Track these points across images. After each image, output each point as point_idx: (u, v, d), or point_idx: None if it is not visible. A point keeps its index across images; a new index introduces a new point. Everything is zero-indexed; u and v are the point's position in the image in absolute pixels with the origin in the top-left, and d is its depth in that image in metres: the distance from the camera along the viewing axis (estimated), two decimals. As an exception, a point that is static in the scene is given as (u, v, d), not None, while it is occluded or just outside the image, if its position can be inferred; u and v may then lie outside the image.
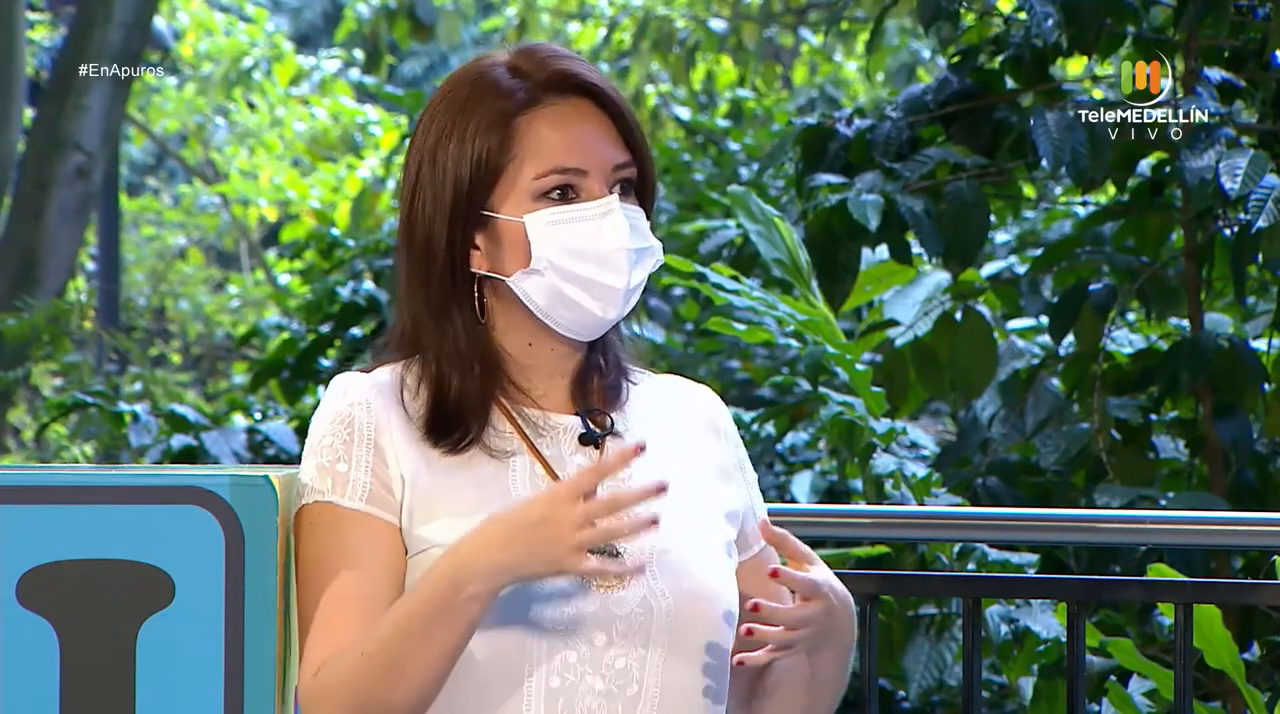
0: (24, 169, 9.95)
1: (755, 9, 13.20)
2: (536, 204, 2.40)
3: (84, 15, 9.93)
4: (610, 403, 2.47)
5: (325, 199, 15.82)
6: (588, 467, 2.32)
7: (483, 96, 2.41)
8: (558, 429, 2.44)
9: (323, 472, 2.38)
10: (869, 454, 5.06)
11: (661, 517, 2.34)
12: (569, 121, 2.41)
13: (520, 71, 2.43)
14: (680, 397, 2.55)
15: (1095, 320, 5.27)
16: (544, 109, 2.41)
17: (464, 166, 2.40)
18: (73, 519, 2.35)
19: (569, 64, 2.43)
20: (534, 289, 2.40)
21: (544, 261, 2.39)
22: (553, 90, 2.42)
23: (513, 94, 2.41)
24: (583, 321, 2.42)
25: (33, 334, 8.66)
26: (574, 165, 2.40)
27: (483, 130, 2.40)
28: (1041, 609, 4.74)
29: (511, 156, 2.40)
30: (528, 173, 2.40)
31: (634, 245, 2.40)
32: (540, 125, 2.41)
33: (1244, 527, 3.75)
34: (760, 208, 5.42)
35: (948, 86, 5.26)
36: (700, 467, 2.50)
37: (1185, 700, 3.36)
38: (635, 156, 2.44)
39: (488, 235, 2.42)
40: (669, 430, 2.50)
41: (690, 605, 2.38)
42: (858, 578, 3.72)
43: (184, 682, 2.35)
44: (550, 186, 2.40)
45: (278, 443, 6.39)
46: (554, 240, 2.39)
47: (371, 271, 7.49)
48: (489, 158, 2.40)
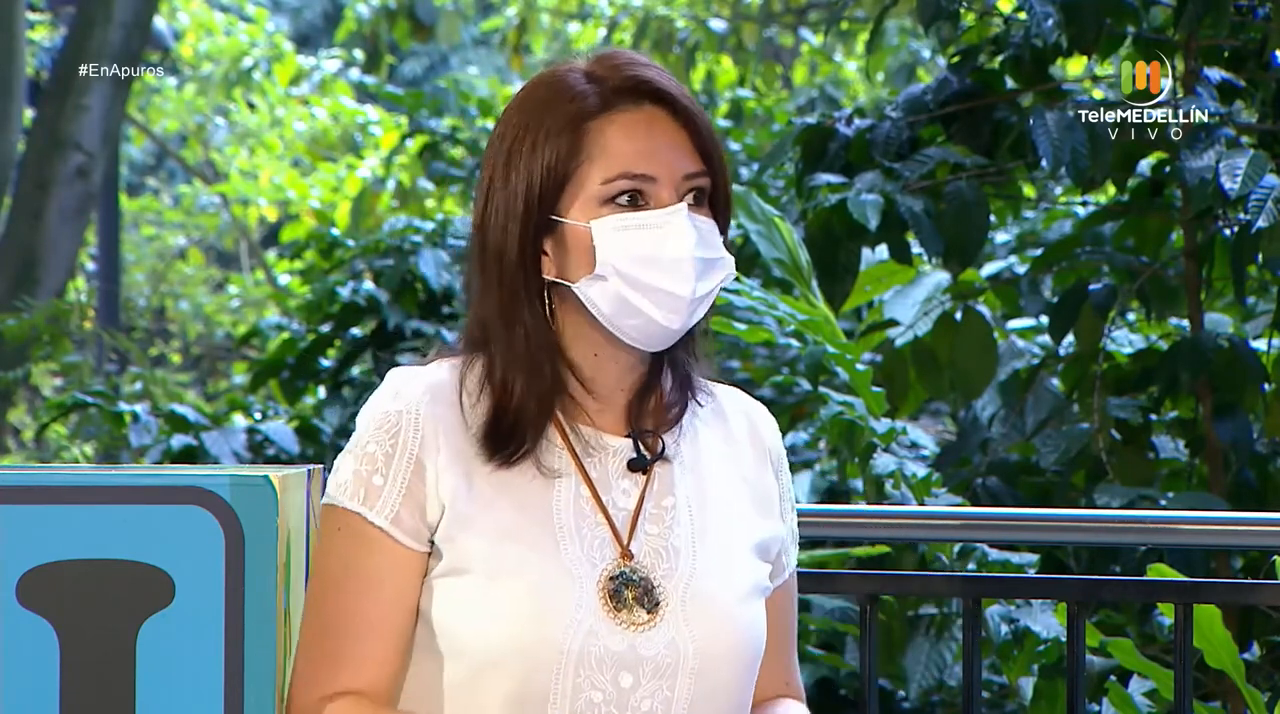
0: (24, 169, 9.95)
1: (755, 9, 13.20)
2: (604, 210, 2.38)
3: (84, 15, 9.93)
4: (666, 424, 2.45)
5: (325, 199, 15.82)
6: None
7: (556, 101, 2.40)
8: (608, 450, 2.42)
9: (358, 479, 2.37)
10: (869, 454, 5.06)
11: (698, 552, 2.36)
12: (639, 128, 2.39)
13: (594, 77, 2.41)
14: (735, 415, 2.53)
15: (1095, 320, 5.27)
16: (615, 115, 2.39)
17: (535, 171, 2.38)
18: (73, 519, 2.35)
19: (643, 71, 2.40)
20: (599, 296, 2.38)
21: (609, 267, 2.36)
22: (625, 96, 2.40)
23: (584, 98, 2.39)
24: (647, 330, 2.39)
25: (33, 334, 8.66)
26: (642, 172, 2.38)
27: (553, 134, 2.38)
28: (1041, 609, 4.75)
29: (580, 161, 2.38)
30: (596, 178, 2.38)
31: (700, 254, 2.37)
32: (610, 131, 2.39)
33: (1244, 527, 3.75)
34: (761, 207, 5.42)
35: (948, 86, 5.26)
36: (744, 498, 2.48)
37: (1185, 700, 3.36)
38: (709, 167, 2.41)
39: (556, 241, 2.40)
40: (720, 454, 2.48)
41: (717, 648, 2.37)
42: (858, 578, 3.72)
43: (184, 682, 2.35)
44: (618, 192, 2.38)
45: (278, 443, 6.40)
46: (619, 246, 2.36)
47: (371, 271, 7.49)
48: (558, 162, 2.38)
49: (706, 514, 2.42)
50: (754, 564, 2.45)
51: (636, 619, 2.35)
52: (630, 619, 2.34)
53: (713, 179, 2.42)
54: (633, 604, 2.35)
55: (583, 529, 2.37)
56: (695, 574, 2.37)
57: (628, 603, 2.35)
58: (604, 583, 2.35)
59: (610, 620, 2.33)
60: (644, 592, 2.35)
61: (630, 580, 2.35)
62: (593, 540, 2.37)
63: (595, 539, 2.37)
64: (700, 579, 2.37)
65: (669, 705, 2.35)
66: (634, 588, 2.34)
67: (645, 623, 2.35)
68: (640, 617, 2.35)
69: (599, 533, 2.37)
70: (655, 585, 2.36)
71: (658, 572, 2.37)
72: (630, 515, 2.40)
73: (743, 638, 2.39)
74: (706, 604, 2.37)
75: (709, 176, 2.41)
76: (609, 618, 2.34)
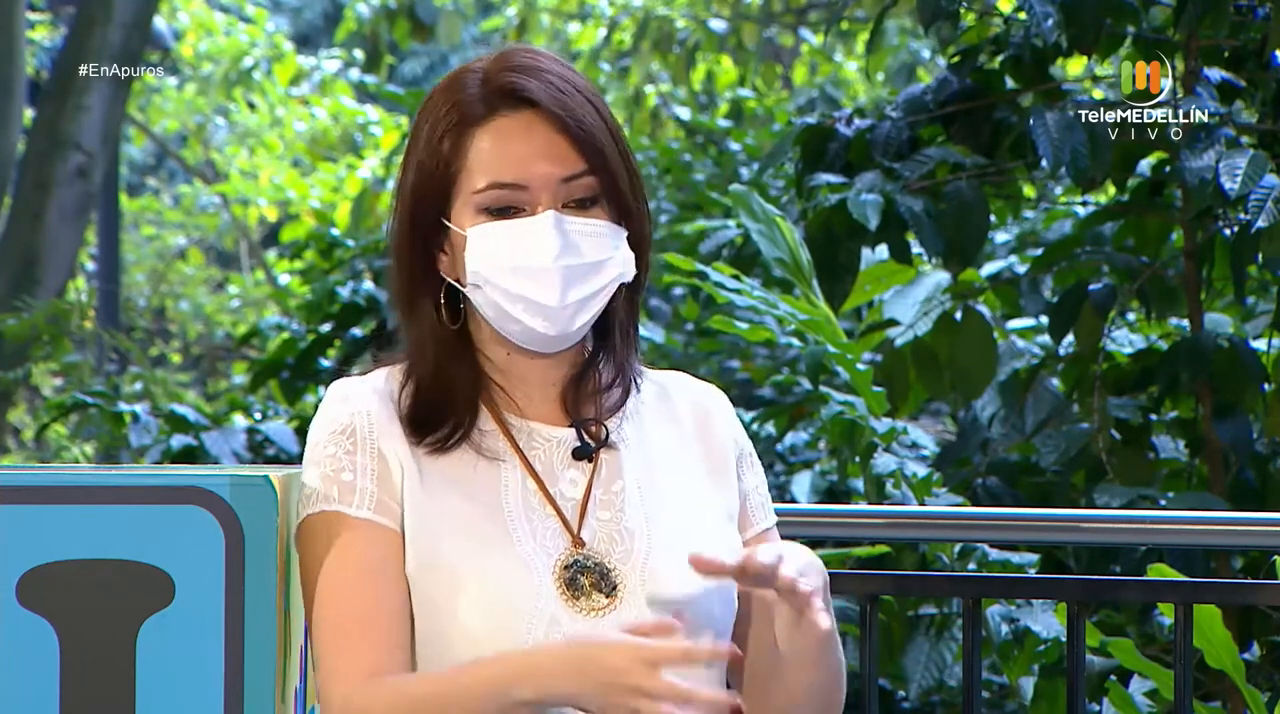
0: (24, 169, 9.95)
1: (755, 9, 13.20)
2: (478, 218, 2.39)
3: (84, 15, 9.93)
4: (607, 412, 2.46)
5: (325, 199, 15.82)
6: (679, 647, 2.22)
7: (448, 104, 2.41)
8: (550, 441, 2.43)
9: (327, 481, 2.38)
10: (869, 454, 5.06)
11: (652, 531, 2.38)
12: (511, 135, 2.38)
13: (485, 81, 2.41)
14: (679, 395, 2.54)
15: (1095, 320, 5.27)
16: (495, 121, 2.39)
17: (427, 175, 2.40)
18: (73, 519, 2.35)
19: (517, 77, 2.39)
20: (483, 302, 2.41)
21: (480, 277, 2.39)
22: (505, 102, 2.39)
23: (470, 104, 2.40)
24: (531, 337, 2.40)
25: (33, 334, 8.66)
26: (511, 180, 2.37)
27: (442, 138, 2.40)
28: (1041, 609, 4.75)
29: (461, 168, 2.39)
30: (470, 186, 2.39)
31: (567, 262, 2.36)
32: (487, 139, 2.39)
33: (1244, 527, 3.75)
34: (761, 207, 5.41)
35: (948, 86, 5.26)
36: (697, 474, 2.49)
37: (1185, 700, 3.36)
38: (593, 165, 2.38)
39: (450, 244, 2.42)
40: (666, 433, 2.49)
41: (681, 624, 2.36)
42: (858, 578, 3.72)
43: (184, 682, 2.35)
44: (490, 202, 2.38)
45: (278, 443, 6.39)
46: (487, 255, 2.38)
47: (371, 272, 7.49)
48: (442, 167, 2.40)
49: (658, 495, 2.43)
50: (718, 533, 2.45)
51: (596, 604, 2.36)
52: (590, 605, 2.36)
53: (605, 176, 2.39)
54: (590, 590, 2.36)
55: (533, 520, 2.38)
56: (651, 554, 2.38)
57: (585, 589, 2.36)
58: (559, 571, 2.36)
59: (570, 608, 2.35)
60: (600, 576, 2.37)
61: (585, 567, 2.37)
62: (544, 531, 2.38)
63: (546, 530, 2.38)
64: (656, 558, 2.39)
65: None
66: (589, 574, 2.36)
67: (605, 607, 2.36)
68: (599, 601, 2.36)
69: (549, 524, 2.38)
70: (611, 569, 2.37)
71: (613, 556, 2.38)
72: (579, 503, 2.41)
73: (701, 613, 2.38)
74: (664, 583, 2.38)
75: (594, 174, 2.39)
76: (568, 605, 2.35)
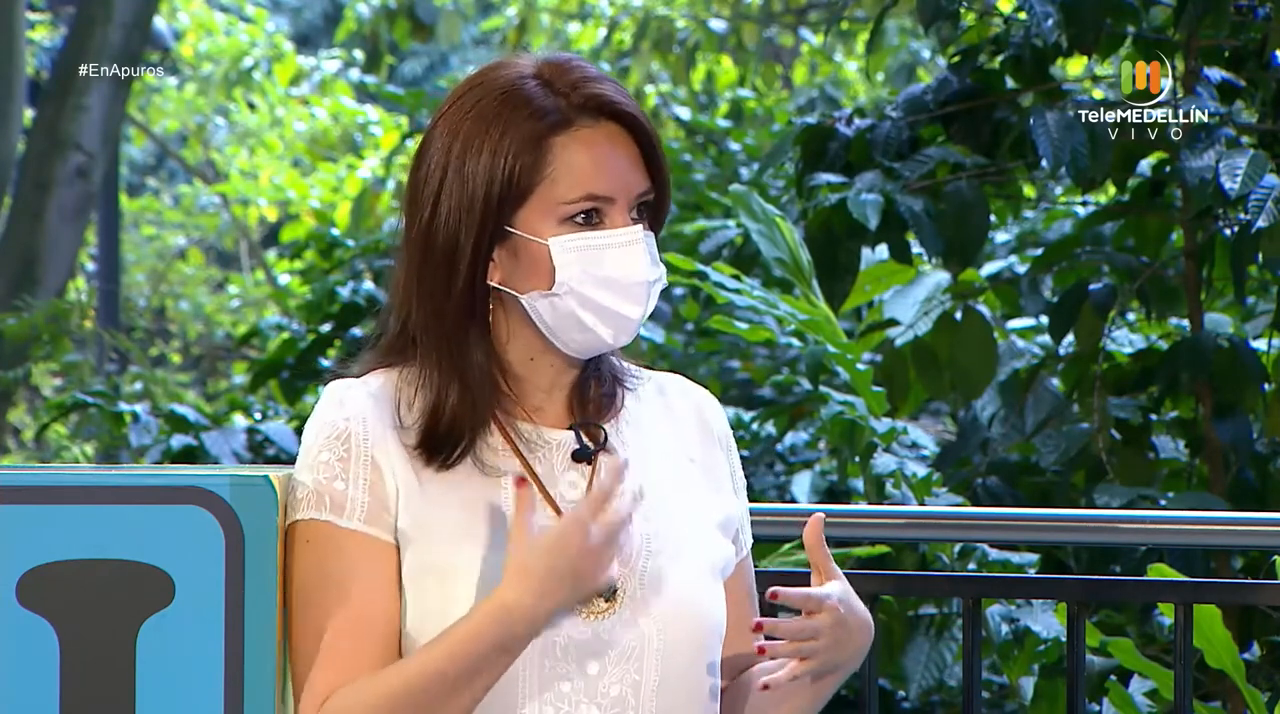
0: (24, 169, 9.95)
1: (755, 9, 13.20)
2: (562, 227, 2.39)
3: (84, 15, 9.93)
4: (604, 414, 2.47)
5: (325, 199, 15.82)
6: (595, 493, 2.29)
7: (515, 112, 2.39)
8: (551, 445, 2.43)
9: (320, 488, 2.37)
10: (869, 454, 5.06)
11: (651, 535, 2.38)
12: (602, 147, 2.40)
13: (554, 89, 2.41)
14: (678, 399, 2.54)
15: (1095, 320, 5.27)
16: (578, 132, 2.40)
17: (495, 181, 2.38)
18: (73, 519, 2.35)
19: (603, 88, 2.41)
20: (547, 309, 2.40)
21: (566, 286, 2.38)
22: (587, 113, 2.40)
23: (546, 114, 2.39)
24: (590, 345, 2.42)
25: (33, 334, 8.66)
26: (604, 193, 2.39)
27: (515, 147, 2.38)
28: (1041, 609, 4.75)
29: (543, 177, 2.39)
30: (558, 195, 2.39)
31: (654, 277, 2.41)
32: (574, 148, 2.39)
33: (1244, 527, 3.75)
34: (761, 207, 5.42)
35: (948, 86, 5.26)
36: (694, 478, 2.49)
37: (1185, 700, 3.36)
38: (655, 182, 2.44)
39: (508, 251, 2.40)
40: (665, 436, 2.50)
41: (678, 628, 2.39)
42: (858, 578, 3.71)
43: (184, 682, 2.34)
44: (578, 211, 2.39)
45: (278, 443, 6.39)
46: (578, 265, 2.38)
47: (371, 271, 7.49)
48: (520, 176, 2.38)
49: (656, 499, 2.43)
50: (714, 540, 2.46)
51: (595, 608, 2.37)
52: (590, 608, 2.36)
53: (662, 192, 2.45)
54: None
55: None
56: (650, 557, 2.39)
57: None
58: None
59: (570, 611, 2.34)
60: None
61: None
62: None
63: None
64: (655, 562, 2.39)
65: (638, 689, 2.37)
66: None
67: (605, 610, 2.37)
68: (599, 605, 2.37)
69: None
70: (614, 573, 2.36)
71: None
72: None
73: (702, 613, 2.40)
74: (662, 586, 2.39)
75: (657, 190, 2.45)
76: (571, 610, 2.34)
